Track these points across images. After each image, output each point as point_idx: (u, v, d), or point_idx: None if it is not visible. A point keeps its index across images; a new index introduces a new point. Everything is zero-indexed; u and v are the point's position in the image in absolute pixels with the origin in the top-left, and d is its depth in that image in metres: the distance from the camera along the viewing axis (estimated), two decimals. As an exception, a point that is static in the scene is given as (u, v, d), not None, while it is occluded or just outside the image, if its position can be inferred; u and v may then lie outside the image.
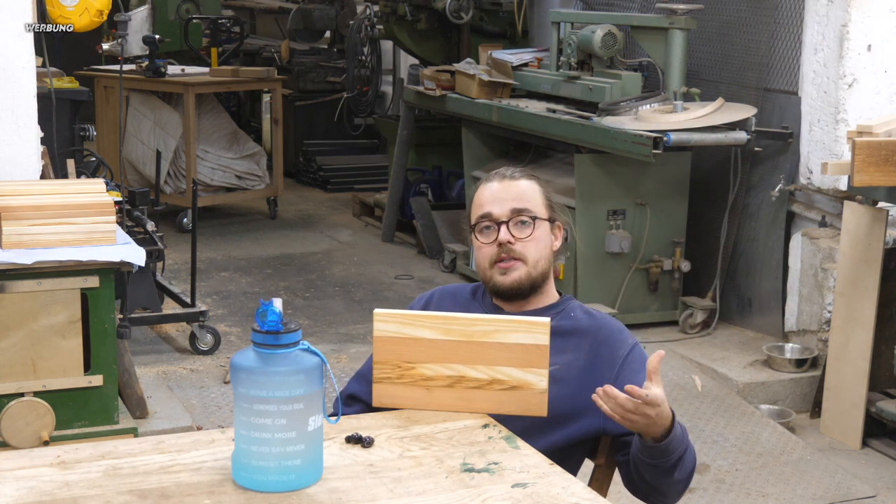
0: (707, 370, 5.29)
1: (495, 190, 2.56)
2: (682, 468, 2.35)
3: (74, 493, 1.94)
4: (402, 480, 2.02)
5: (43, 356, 3.69)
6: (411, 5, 7.97)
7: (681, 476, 2.37)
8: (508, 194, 2.54)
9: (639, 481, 2.40)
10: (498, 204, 2.53)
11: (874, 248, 4.64)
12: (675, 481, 2.37)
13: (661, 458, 2.31)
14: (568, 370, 2.46)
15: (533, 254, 2.52)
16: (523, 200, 2.53)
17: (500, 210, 2.53)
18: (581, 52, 6.21)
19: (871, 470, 4.52)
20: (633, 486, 2.45)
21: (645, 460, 2.33)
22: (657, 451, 2.30)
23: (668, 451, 2.30)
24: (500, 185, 2.56)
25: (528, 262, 2.52)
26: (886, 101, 5.23)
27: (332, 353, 5.52)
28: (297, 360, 1.99)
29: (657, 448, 2.29)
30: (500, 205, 2.53)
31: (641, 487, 2.41)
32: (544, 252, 2.54)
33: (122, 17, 5.26)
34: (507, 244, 2.50)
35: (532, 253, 2.52)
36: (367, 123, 10.01)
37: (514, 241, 2.51)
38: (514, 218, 2.52)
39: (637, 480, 2.40)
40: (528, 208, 2.53)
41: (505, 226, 2.52)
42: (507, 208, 2.53)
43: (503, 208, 2.53)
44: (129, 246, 3.80)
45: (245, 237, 7.99)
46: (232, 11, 11.02)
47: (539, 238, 2.53)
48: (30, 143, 4.22)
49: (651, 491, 2.41)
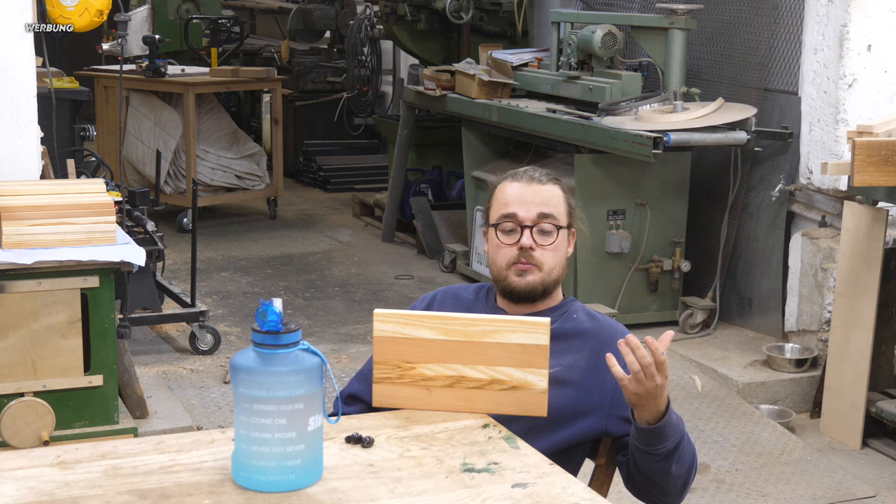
0: (707, 370, 5.29)
1: (523, 191, 2.53)
2: (679, 461, 2.36)
3: (74, 493, 1.94)
4: (402, 480, 2.02)
5: (43, 356, 3.69)
6: (411, 5, 7.97)
7: (679, 470, 2.37)
8: (536, 198, 2.52)
9: (637, 476, 2.40)
10: (524, 206, 2.52)
11: (874, 248, 4.64)
12: (673, 476, 2.37)
13: (657, 444, 2.32)
14: (570, 372, 2.46)
15: (550, 262, 2.52)
16: (550, 206, 2.52)
17: (526, 213, 2.51)
18: (581, 52, 6.21)
19: (871, 470, 4.52)
20: (633, 484, 2.45)
21: (640, 447, 2.33)
22: (652, 434, 2.31)
23: (664, 435, 2.31)
24: (528, 188, 2.54)
25: (544, 269, 2.51)
26: (886, 101, 5.23)
27: (332, 353, 5.52)
28: (297, 360, 1.99)
29: (653, 431, 2.31)
30: (527, 208, 2.51)
31: (640, 482, 2.42)
32: (560, 260, 2.54)
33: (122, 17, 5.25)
34: (529, 250, 2.50)
35: (549, 261, 2.52)
36: (367, 123, 10.01)
37: (535, 248, 2.50)
38: (539, 223, 2.51)
39: (636, 475, 2.41)
40: (554, 215, 2.52)
41: (529, 231, 2.51)
42: (534, 213, 2.51)
43: (529, 212, 2.51)
44: (129, 246, 3.80)
45: (245, 237, 7.99)
46: (232, 11, 11.03)
47: (558, 246, 2.53)
48: (30, 143, 4.22)
49: (650, 486, 2.41)
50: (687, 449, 2.38)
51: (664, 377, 2.25)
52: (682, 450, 2.36)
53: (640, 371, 2.23)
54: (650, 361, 2.23)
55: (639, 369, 2.23)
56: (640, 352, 2.23)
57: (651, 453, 2.33)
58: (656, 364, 2.23)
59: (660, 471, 2.36)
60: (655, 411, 2.30)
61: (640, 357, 2.23)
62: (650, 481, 2.40)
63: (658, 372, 2.23)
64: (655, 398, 2.27)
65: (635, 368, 2.23)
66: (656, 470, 2.36)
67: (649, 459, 2.34)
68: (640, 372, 2.23)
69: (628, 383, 2.25)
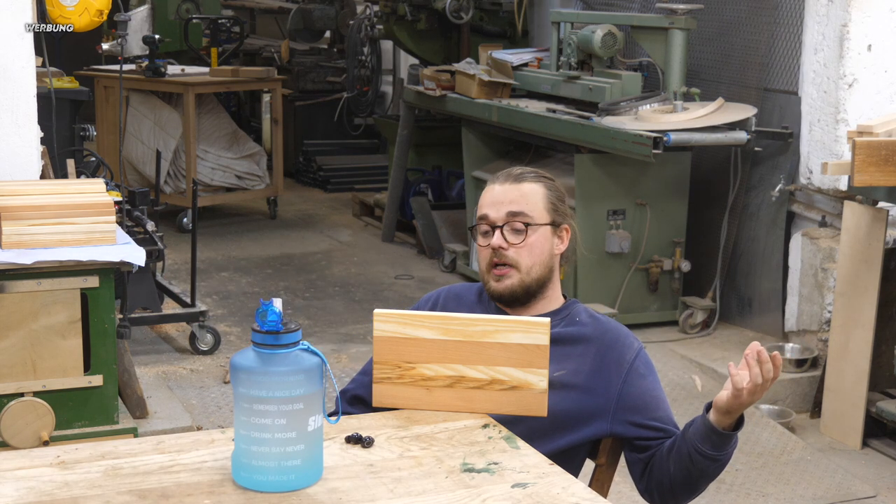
0: (707, 370, 5.29)
1: (496, 192, 2.54)
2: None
3: (74, 493, 1.94)
4: (402, 480, 2.02)
5: (43, 356, 3.69)
6: (411, 5, 7.97)
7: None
8: (507, 197, 2.52)
9: (677, 477, 2.38)
10: (495, 207, 2.52)
11: (874, 248, 4.64)
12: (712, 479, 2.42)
13: (723, 450, 2.34)
14: (574, 376, 2.45)
15: (526, 260, 2.50)
16: (520, 204, 2.51)
17: (496, 214, 2.52)
18: (581, 52, 6.21)
19: (871, 470, 4.52)
20: (654, 485, 2.43)
21: (705, 451, 2.33)
22: (727, 439, 2.33)
23: (734, 441, 2.35)
24: (501, 188, 2.54)
25: (520, 268, 2.50)
26: (886, 101, 5.23)
27: (332, 353, 5.52)
28: (297, 360, 1.99)
29: (729, 437, 2.33)
30: (497, 208, 2.52)
31: (674, 486, 2.39)
32: (539, 258, 2.51)
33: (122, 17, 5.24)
34: (500, 249, 2.50)
35: (525, 259, 2.50)
36: (367, 123, 10.01)
37: (506, 247, 2.49)
38: (508, 222, 2.50)
39: (674, 476, 2.38)
40: (524, 212, 2.50)
41: (499, 230, 2.51)
42: (503, 212, 2.51)
43: (499, 212, 2.52)
44: (129, 246, 3.79)
45: (245, 237, 7.99)
46: (232, 11, 11.02)
47: (533, 244, 2.50)
48: (30, 143, 4.21)
49: (683, 489, 2.41)
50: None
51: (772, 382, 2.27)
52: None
53: (762, 384, 2.24)
54: (773, 377, 2.24)
55: (761, 382, 2.24)
56: (768, 367, 2.24)
57: (714, 458, 2.35)
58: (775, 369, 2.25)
59: (710, 475, 2.39)
60: (737, 417, 2.33)
61: (766, 372, 2.24)
62: (689, 485, 2.40)
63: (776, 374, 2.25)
64: (744, 407, 2.30)
65: (759, 382, 2.24)
66: (707, 474, 2.38)
67: (708, 464, 2.35)
68: (760, 384, 2.24)
69: (745, 392, 2.25)
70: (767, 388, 2.26)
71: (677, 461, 2.38)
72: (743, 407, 2.29)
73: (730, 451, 2.36)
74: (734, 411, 2.31)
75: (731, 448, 2.36)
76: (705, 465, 2.35)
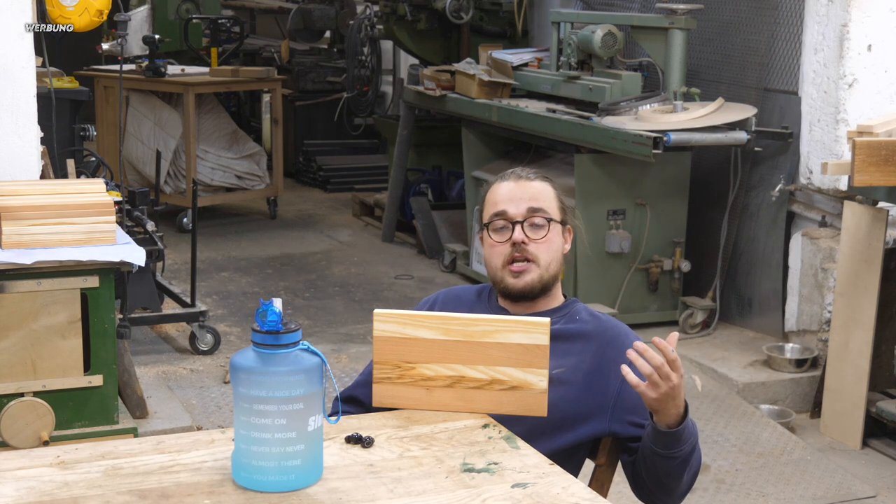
0: (707, 370, 5.29)
1: (511, 189, 2.55)
2: (691, 465, 2.38)
3: (74, 493, 1.94)
4: (402, 480, 2.02)
5: (43, 356, 3.69)
6: (411, 5, 7.97)
7: (689, 474, 2.39)
8: (525, 194, 2.53)
9: (647, 478, 2.40)
10: (514, 203, 2.52)
11: (874, 248, 4.64)
12: (684, 479, 2.39)
13: (675, 448, 2.32)
14: (574, 373, 2.45)
15: (545, 256, 2.51)
16: (539, 201, 2.53)
17: (516, 209, 2.52)
18: (581, 52, 6.21)
19: (871, 470, 4.52)
20: (639, 486, 2.45)
21: (659, 451, 2.33)
22: (672, 438, 2.31)
23: (682, 439, 2.31)
24: (516, 185, 2.55)
25: (540, 264, 2.51)
26: (886, 101, 5.23)
27: (332, 353, 5.52)
28: (297, 360, 1.99)
29: (673, 434, 2.30)
30: (516, 204, 2.52)
31: (648, 485, 2.41)
32: (556, 255, 2.53)
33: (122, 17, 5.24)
34: (521, 244, 2.50)
35: (544, 255, 2.51)
36: (367, 123, 10.01)
37: (528, 242, 2.50)
38: (529, 218, 2.51)
39: (644, 477, 2.40)
40: (544, 209, 2.52)
41: (520, 226, 2.51)
42: (524, 208, 2.52)
43: (519, 208, 2.52)
44: (129, 246, 3.79)
45: (245, 237, 7.99)
46: (232, 11, 11.02)
47: (552, 240, 2.52)
48: (30, 143, 4.21)
49: (658, 488, 2.41)
50: (697, 454, 2.40)
51: (679, 375, 2.24)
52: (696, 453, 2.38)
53: (654, 373, 2.22)
54: (662, 361, 2.22)
55: (651, 371, 2.22)
56: (649, 353, 2.23)
57: (669, 457, 2.33)
58: (668, 363, 2.22)
59: (674, 474, 2.36)
60: (675, 414, 2.30)
61: (651, 359, 2.22)
62: (661, 484, 2.40)
63: (673, 371, 2.23)
64: (674, 398, 2.27)
65: (647, 371, 2.22)
66: (671, 473, 2.36)
67: (666, 463, 2.34)
68: (653, 374, 2.22)
69: (645, 389, 2.24)
70: (671, 373, 2.22)
71: (643, 463, 2.40)
72: (662, 402, 2.26)
73: (685, 449, 2.33)
74: (661, 409, 2.28)
75: (685, 445, 2.33)
76: (665, 465, 2.35)
